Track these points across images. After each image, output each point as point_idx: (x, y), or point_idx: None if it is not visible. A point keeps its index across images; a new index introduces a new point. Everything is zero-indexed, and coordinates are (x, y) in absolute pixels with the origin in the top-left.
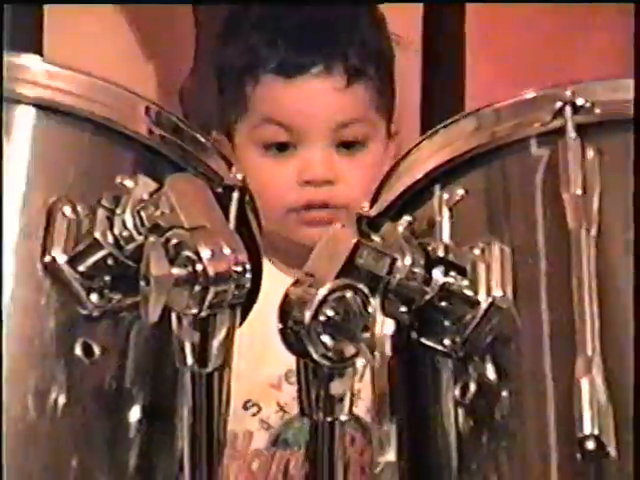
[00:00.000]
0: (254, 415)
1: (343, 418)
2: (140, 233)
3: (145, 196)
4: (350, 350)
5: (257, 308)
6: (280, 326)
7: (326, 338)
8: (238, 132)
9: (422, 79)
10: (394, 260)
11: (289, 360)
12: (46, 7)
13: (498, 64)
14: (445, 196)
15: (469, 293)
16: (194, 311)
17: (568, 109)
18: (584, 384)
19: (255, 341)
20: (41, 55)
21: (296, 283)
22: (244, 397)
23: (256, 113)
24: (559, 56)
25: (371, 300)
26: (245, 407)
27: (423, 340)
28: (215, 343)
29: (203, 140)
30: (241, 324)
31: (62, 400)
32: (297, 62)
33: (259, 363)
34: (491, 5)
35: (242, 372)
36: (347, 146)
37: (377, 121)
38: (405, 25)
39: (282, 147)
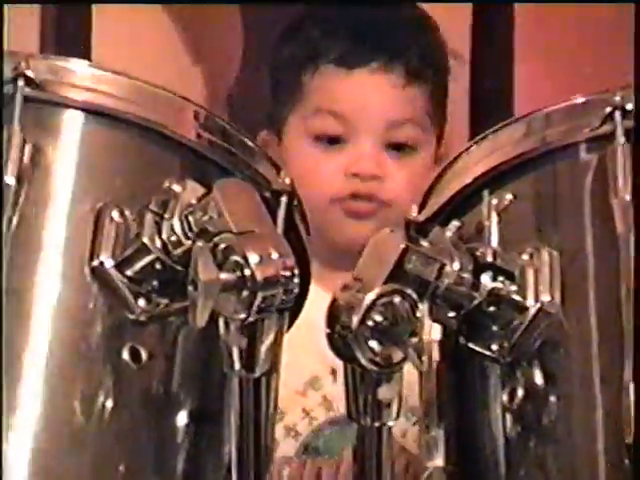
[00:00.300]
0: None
1: (391, 423)
2: (188, 238)
3: (193, 201)
4: (398, 355)
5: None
6: (328, 331)
7: (374, 343)
8: (289, 125)
9: (470, 85)
10: (443, 265)
11: (314, 367)
12: (94, 11)
13: (547, 69)
14: (494, 201)
15: (517, 298)
16: (242, 316)
17: (618, 114)
18: (632, 389)
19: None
20: (89, 59)
21: (344, 288)
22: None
23: (311, 102)
24: (608, 61)
25: (419, 305)
26: None
27: (471, 345)
28: (263, 348)
29: (251, 145)
30: (289, 329)
31: (109, 405)
32: (358, 54)
33: (283, 370)
34: (540, 10)
35: None
36: (397, 148)
37: (429, 128)
38: (454, 30)
39: (333, 140)
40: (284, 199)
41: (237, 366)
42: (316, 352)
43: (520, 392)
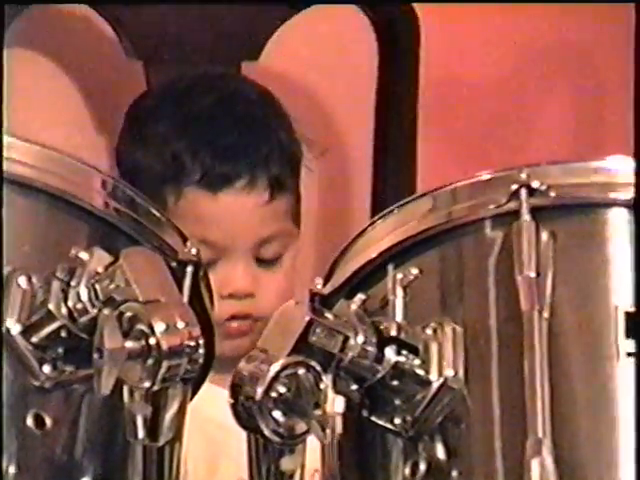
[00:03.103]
0: None
1: None
2: (94, 306)
3: (100, 269)
4: (301, 427)
5: (199, 425)
6: (231, 401)
7: (277, 414)
8: None
9: (373, 159)
10: (347, 338)
11: (238, 471)
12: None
13: (450, 147)
14: (399, 275)
15: (421, 372)
16: (147, 384)
17: (523, 191)
18: (534, 465)
19: (204, 456)
20: None
21: (249, 358)
22: None
23: None
24: (510, 138)
25: (323, 377)
26: None
27: (374, 418)
28: (167, 417)
29: (158, 215)
30: (191, 399)
31: (12, 470)
32: (222, 174)
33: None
34: (445, 86)
35: None
36: (266, 261)
37: (293, 230)
38: (358, 104)
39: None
40: (190, 269)
41: (141, 434)
42: (235, 454)
43: (422, 466)
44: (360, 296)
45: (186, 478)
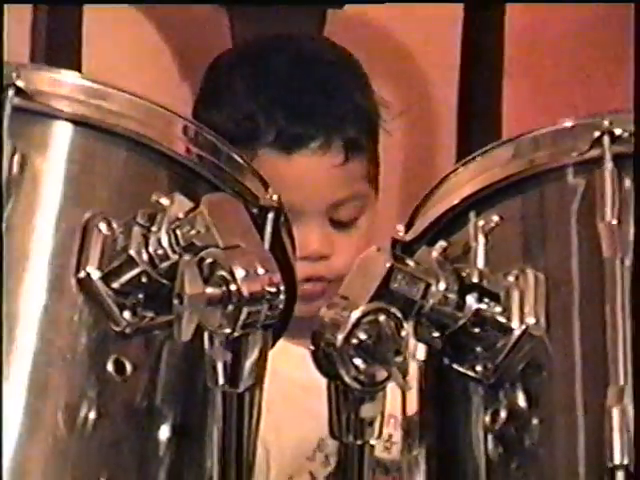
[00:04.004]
0: None
1: (373, 442)
2: (175, 251)
3: (181, 215)
4: (382, 374)
5: (279, 387)
6: (312, 348)
7: (358, 361)
8: None
9: (458, 108)
10: (428, 285)
11: (319, 430)
12: (85, 22)
13: (535, 97)
14: (481, 222)
15: (502, 320)
16: (227, 331)
17: (606, 139)
18: (615, 413)
19: (287, 417)
20: (79, 71)
21: (330, 305)
22: (287, 474)
23: None
24: (594, 88)
25: (404, 324)
26: None
27: (455, 366)
28: (247, 363)
29: (240, 160)
30: (273, 345)
31: (92, 416)
32: (296, 135)
33: (294, 438)
34: (531, 35)
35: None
36: (341, 223)
37: (369, 193)
38: (443, 53)
39: None
40: (271, 215)
41: (221, 381)
42: (318, 414)
43: (503, 414)
44: (442, 243)
45: (269, 440)
